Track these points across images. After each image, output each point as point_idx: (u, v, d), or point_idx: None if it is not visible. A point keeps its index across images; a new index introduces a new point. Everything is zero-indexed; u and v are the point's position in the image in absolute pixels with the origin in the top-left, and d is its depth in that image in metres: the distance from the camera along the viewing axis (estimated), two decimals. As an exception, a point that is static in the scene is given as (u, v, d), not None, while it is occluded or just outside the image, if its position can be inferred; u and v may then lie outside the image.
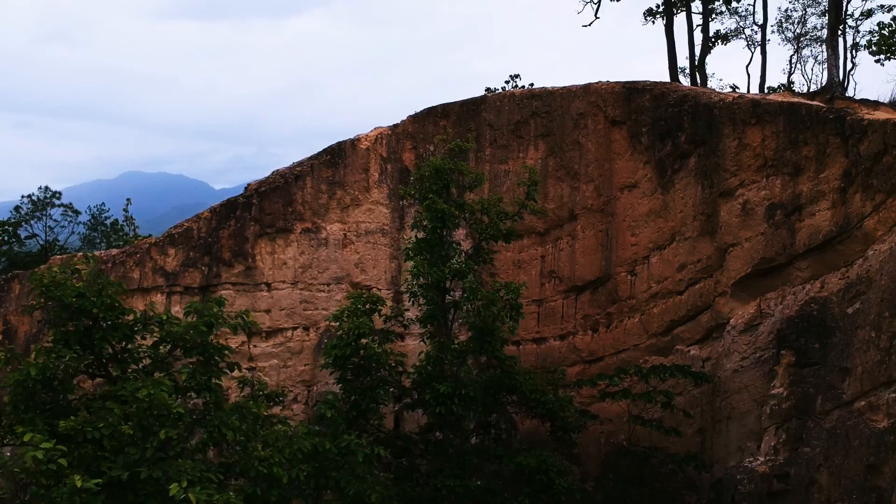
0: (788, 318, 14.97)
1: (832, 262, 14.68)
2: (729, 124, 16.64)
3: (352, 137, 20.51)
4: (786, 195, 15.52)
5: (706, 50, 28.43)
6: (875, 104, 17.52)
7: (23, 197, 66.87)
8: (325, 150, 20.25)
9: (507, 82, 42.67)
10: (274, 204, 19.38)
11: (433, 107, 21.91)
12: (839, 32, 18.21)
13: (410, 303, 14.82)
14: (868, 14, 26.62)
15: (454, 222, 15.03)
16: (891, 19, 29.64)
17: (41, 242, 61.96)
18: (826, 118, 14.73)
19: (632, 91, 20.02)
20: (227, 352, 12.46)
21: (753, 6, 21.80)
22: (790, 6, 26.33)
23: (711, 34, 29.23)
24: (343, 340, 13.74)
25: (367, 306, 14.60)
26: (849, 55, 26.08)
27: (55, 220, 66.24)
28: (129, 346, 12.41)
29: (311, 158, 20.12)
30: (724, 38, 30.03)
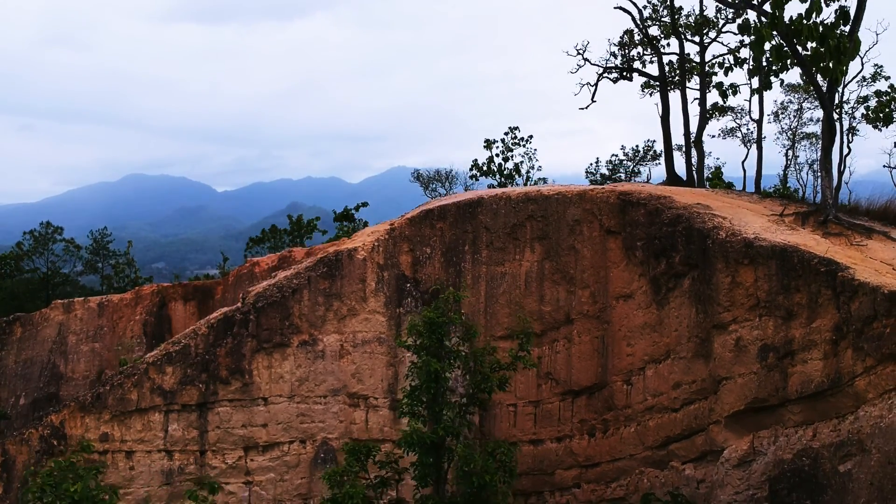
0: (780, 463, 15.06)
1: (824, 412, 14.77)
2: (722, 259, 16.73)
3: (349, 247, 20.63)
4: (778, 338, 15.59)
5: (703, 124, 28.49)
6: (868, 231, 17.59)
7: (25, 233, 67.29)
8: (321, 261, 20.37)
9: (506, 133, 43.02)
10: (271, 319, 19.50)
11: (430, 209, 22.01)
12: (832, 151, 18.26)
13: (405, 453, 14.89)
14: (864, 100, 26.70)
15: (447, 377, 15.08)
16: (888, 87, 29.93)
17: (43, 272, 62.17)
18: (817, 270, 14.81)
19: (626, 203, 20.11)
20: None
21: (749, 102, 21.88)
22: (786, 98, 26.47)
23: (709, 106, 29.30)
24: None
25: (362, 458, 14.68)
26: (845, 139, 26.15)
27: (57, 255, 66.51)
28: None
29: (308, 270, 20.25)
30: (722, 110, 30.06)
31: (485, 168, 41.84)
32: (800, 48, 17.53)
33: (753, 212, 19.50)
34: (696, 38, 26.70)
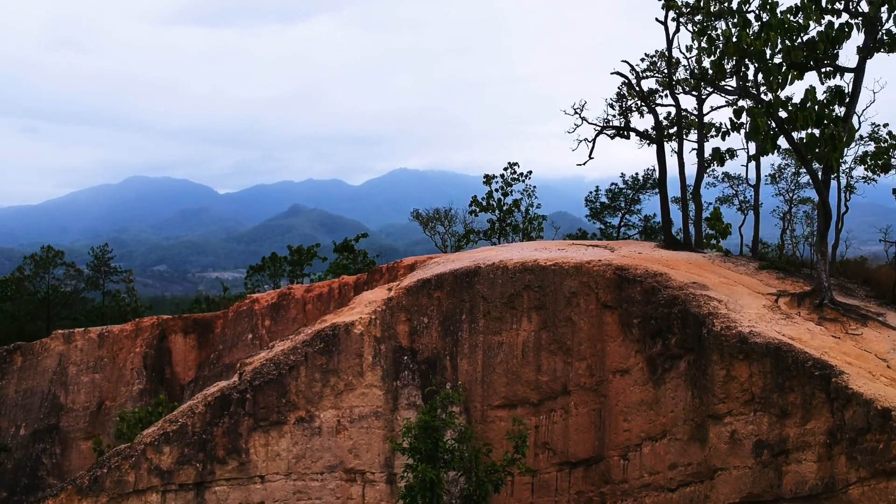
0: (775, 563, 15.09)
1: (818, 513, 14.80)
2: (717, 351, 16.76)
3: (346, 321, 20.66)
4: (773, 435, 15.62)
5: (701, 175, 28.48)
6: (863, 317, 17.59)
7: (26, 258, 67.41)
8: (318, 336, 20.42)
9: (505, 169, 43.06)
10: (268, 397, 19.56)
11: (427, 279, 22.06)
12: (828, 233, 18.29)
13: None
14: (862, 159, 26.66)
15: (442, 485, 15.10)
16: (886, 134, 29.88)
17: (43, 292, 62.25)
18: (811, 373, 14.83)
19: (623, 279, 20.14)
20: None
21: (746, 168, 21.93)
22: (783, 162, 26.39)
23: (708, 154, 29.26)
24: None
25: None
26: (842, 197, 26.11)
27: (57, 279, 66.66)
28: None
29: (305, 345, 20.29)
30: (720, 158, 30.00)
31: (484, 204, 41.87)
32: (795, 134, 17.58)
33: (750, 290, 19.51)
34: (694, 92, 26.71)
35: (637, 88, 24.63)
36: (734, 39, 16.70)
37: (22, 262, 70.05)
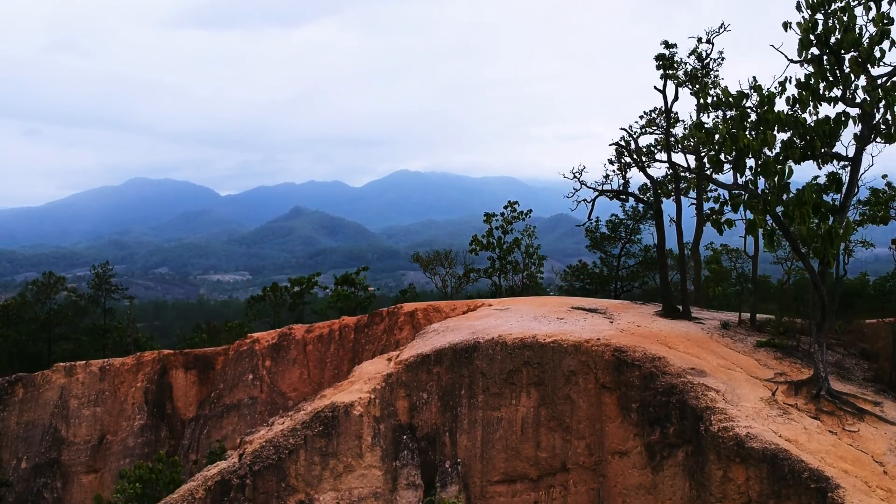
0: None
1: None
2: (714, 451, 16.83)
3: (345, 402, 20.74)
4: (770, 541, 15.68)
5: (700, 231, 28.54)
6: (860, 412, 17.66)
7: (28, 284, 67.64)
8: (317, 418, 20.48)
9: (505, 207, 43.16)
10: (268, 482, 19.64)
11: (427, 355, 22.14)
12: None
13: None
14: (860, 222, 26.71)
15: None
16: (885, 184, 29.94)
17: (44, 315, 62.44)
18: (808, 485, 14.89)
19: (621, 362, 20.21)
20: None
21: (744, 241, 21.92)
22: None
23: (707, 209, 29.34)
24: None
25: None
26: (841, 260, 26.13)
27: (59, 305, 66.88)
28: None
29: (304, 427, 20.36)
30: (719, 228, 30.08)
31: (484, 242, 41.98)
32: (792, 229, 17.65)
33: (748, 373, 19.57)
34: (692, 155, 26.77)
35: (635, 156, 24.72)
36: (731, 136, 16.77)
37: (24, 288, 70.21)
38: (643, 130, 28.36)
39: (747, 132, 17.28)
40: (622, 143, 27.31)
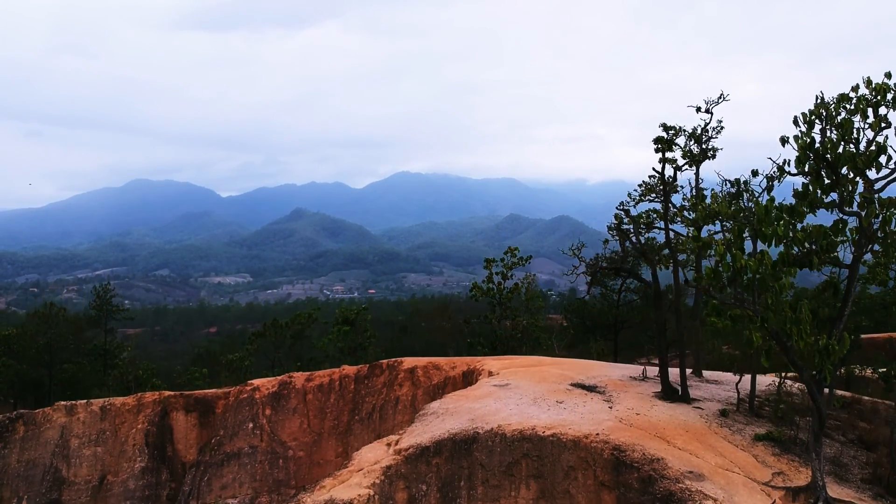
0: None
1: None
2: (712, 572, 16.91)
3: (343, 500, 20.81)
4: None
5: (699, 301, 28.60)
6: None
7: (30, 315, 67.93)
8: (318, 517, 20.56)
9: (506, 253, 43.24)
10: (268, 584, 19.72)
11: (426, 446, 22.23)
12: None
13: None
14: (861, 293, 26.82)
15: None
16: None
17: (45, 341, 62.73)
18: None
19: (620, 462, 20.29)
20: None
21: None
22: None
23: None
24: None
25: None
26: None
27: (60, 335, 67.15)
28: None
29: (304, 526, 20.44)
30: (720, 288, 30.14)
31: (484, 288, 42.06)
32: (788, 343, 17.72)
33: (746, 475, 19.64)
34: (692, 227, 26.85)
35: (636, 242, 24.80)
36: (728, 258, 16.86)
37: (25, 319, 70.39)
38: (641, 198, 28.45)
39: (744, 247, 17.36)
40: (622, 210, 27.39)
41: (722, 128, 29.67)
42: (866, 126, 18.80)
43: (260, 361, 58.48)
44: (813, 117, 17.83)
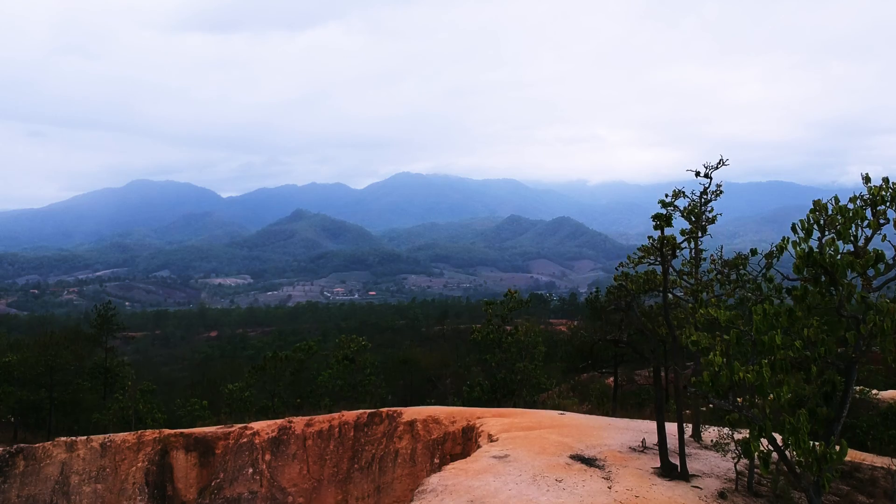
0: None
1: None
2: None
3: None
4: None
5: (699, 364, 28.62)
6: None
7: (31, 346, 68.01)
8: None
9: (506, 296, 43.24)
10: None
11: (424, 532, 22.27)
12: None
13: None
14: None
15: None
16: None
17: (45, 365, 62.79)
18: None
19: (618, 556, 20.33)
20: None
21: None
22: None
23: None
24: None
25: None
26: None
27: (61, 359, 67.24)
28: None
29: None
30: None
31: (484, 333, 42.08)
32: (786, 451, 17.76)
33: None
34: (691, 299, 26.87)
35: (631, 303, 24.87)
36: (726, 372, 16.89)
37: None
38: (640, 260, 28.49)
39: (743, 358, 17.39)
40: (621, 270, 27.35)
41: (721, 192, 29.77)
42: (864, 224, 18.83)
43: (260, 391, 58.60)
44: (812, 224, 17.86)
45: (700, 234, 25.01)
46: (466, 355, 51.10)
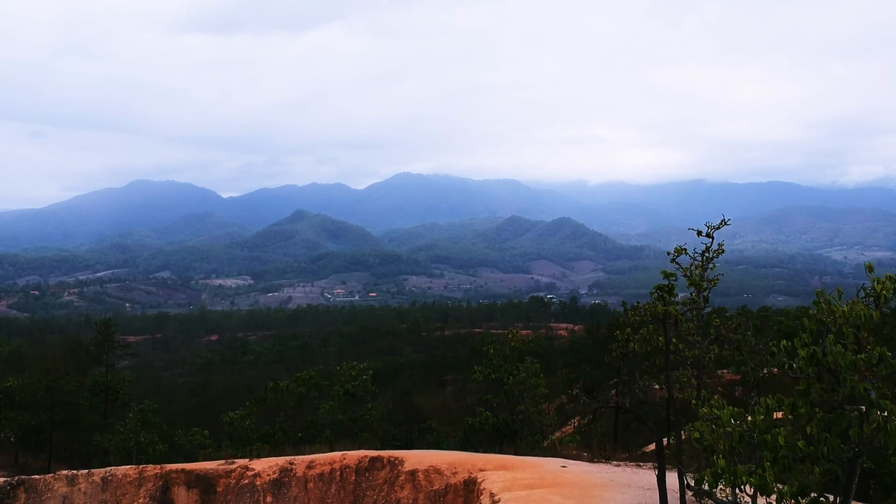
0: None
1: None
2: None
3: None
4: None
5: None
6: None
7: (33, 375, 68.18)
8: None
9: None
10: None
11: None
12: None
13: None
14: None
15: None
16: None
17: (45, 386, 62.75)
18: None
19: None
20: None
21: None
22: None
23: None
24: None
25: None
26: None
27: (63, 386, 67.22)
28: None
29: None
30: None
31: (485, 372, 42.03)
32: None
33: None
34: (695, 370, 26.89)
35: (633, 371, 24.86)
36: (728, 476, 16.90)
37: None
38: (642, 320, 28.48)
39: (745, 455, 17.40)
40: (621, 339, 27.24)
41: (722, 251, 29.71)
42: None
43: (261, 419, 58.57)
44: (815, 327, 17.84)
45: (704, 303, 24.91)
46: (467, 364, 50.74)
